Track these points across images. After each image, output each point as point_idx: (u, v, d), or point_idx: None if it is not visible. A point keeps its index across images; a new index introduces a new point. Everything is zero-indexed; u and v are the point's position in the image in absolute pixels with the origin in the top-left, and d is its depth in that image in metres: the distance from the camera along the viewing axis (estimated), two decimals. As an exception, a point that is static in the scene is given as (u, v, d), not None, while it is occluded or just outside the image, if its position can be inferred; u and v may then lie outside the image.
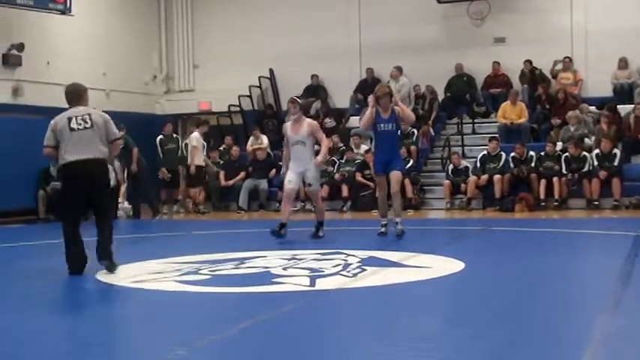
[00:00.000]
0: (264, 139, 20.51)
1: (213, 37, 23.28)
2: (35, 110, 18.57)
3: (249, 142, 20.60)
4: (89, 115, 9.13)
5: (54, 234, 15.49)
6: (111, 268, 8.81)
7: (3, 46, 18.36)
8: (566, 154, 17.51)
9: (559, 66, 20.17)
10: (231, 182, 19.52)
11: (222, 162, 20.10)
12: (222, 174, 19.74)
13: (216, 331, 5.97)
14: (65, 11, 18.92)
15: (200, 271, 8.88)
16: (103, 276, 8.75)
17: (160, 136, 19.14)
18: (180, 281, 8.30)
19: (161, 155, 18.83)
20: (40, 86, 19.15)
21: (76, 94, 9.35)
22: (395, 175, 11.83)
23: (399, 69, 20.79)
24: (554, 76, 20.15)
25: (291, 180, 11.66)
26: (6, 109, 18.10)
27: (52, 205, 17.11)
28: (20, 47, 18.46)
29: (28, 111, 18.48)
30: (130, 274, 8.81)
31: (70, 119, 9.08)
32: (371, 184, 18.20)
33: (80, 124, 9.02)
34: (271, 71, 22.72)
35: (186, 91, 23.93)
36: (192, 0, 23.75)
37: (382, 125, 12.00)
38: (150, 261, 9.85)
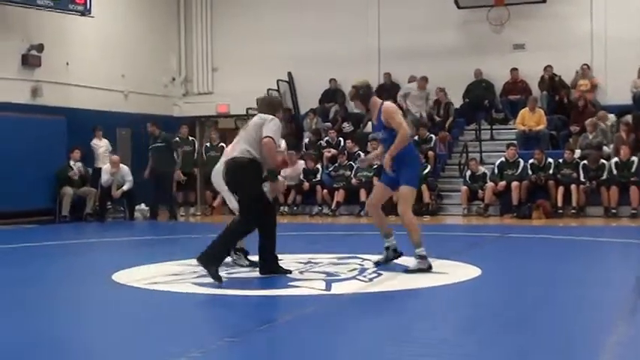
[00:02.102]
0: (282, 143, 20.43)
1: (231, 40, 23.30)
2: (54, 111, 18.68)
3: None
4: None
5: (72, 234, 15.61)
6: None
7: (22, 47, 18.44)
8: (584, 161, 17.42)
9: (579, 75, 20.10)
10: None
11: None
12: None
13: (232, 333, 5.97)
14: (85, 12, 18.98)
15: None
16: (119, 277, 8.76)
17: (176, 139, 19.18)
18: (196, 283, 8.30)
19: (177, 157, 18.85)
20: (59, 87, 19.22)
21: None
22: (399, 193, 9.21)
23: (425, 79, 20.63)
24: (574, 87, 20.04)
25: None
26: (25, 109, 18.19)
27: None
28: (40, 48, 18.54)
29: (47, 111, 18.57)
30: (147, 276, 8.82)
31: None
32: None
33: None
34: (290, 74, 22.73)
35: (205, 93, 23.96)
36: (211, 3, 23.79)
37: (378, 133, 9.65)
38: (166, 263, 9.86)
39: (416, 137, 19.62)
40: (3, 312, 7.10)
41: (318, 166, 19.28)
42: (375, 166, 18.74)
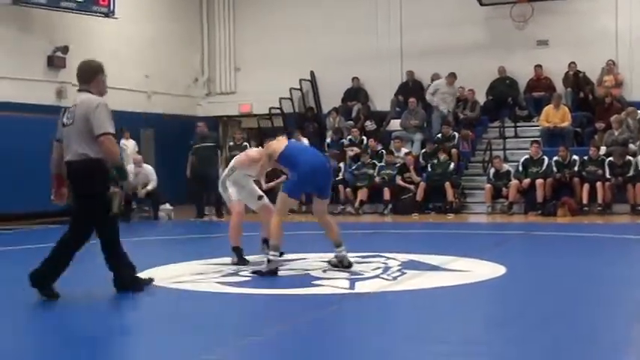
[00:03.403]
0: (305, 142, 20.51)
1: (254, 40, 23.34)
2: (79, 112, 18.76)
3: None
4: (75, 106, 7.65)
5: (94, 234, 15.66)
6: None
7: (48, 49, 18.58)
8: (610, 158, 17.31)
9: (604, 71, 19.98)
10: (272, 184, 19.48)
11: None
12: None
13: (255, 332, 5.98)
14: (109, 14, 19.10)
15: (240, 273, 8.91)
16: (144, 276, 8.79)
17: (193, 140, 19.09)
18: (220, 282, 8.33)
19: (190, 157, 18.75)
20: (84, 88, 19.31)
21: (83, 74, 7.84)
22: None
23: (453, 75, 20.55)
24: (599, 83, 19.91)
25: None
26: (50, 110, 18.25)
27: None
28: (65, 50, 18.67)
29: (71, 113, 18.66)
30: (172, 275, 8.86)
31: (64, 111, 7.75)
32: (411, 187, 18.17)
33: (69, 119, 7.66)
34: (312, 74, 22.74)
35: (228, 93, 24.03)
36: (233, 3, 23.84)
37: None
38: (191, 262, 9.89)
39: (439, 135, 19.62)
40: (33, 312, 7.15)
41: (341, 164, 19.26)
42: (398, 165, 18.75)
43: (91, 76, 7.75)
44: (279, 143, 9.23)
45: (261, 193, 10.15)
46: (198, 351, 5.39)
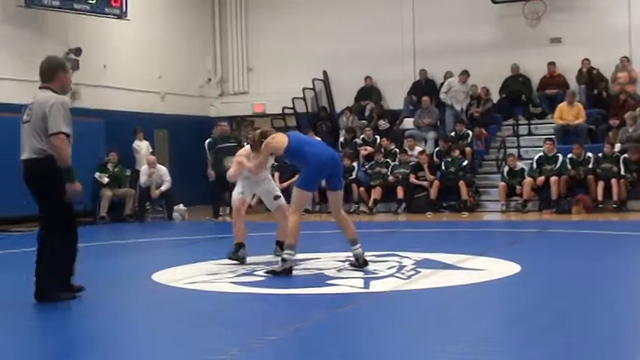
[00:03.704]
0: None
1: (266, 40, 23.35)
2: (92, 113, 18.84)
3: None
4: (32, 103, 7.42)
5: (111, 235, 15.74)
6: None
7: (61, 51, 18.59)
8: (625, 155, 17.23)
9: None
10: (285, 184, 19.53)
11: (276, 164, 20.12)
12: (276, 176, 19.78)
13: (270, 332, 5.98)
14: (121, 15, 19.13)
15: (255, 273, 8.91)
16: (158, 277, 8.82)
17: (209, 139, 19.08)
18: (235, 282, 8.34)
19: (210, 157, 18.75)
20: (97, 90, 19.39)
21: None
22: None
23: (466, 73, 20.47)
24: (613, 80, 19.82)
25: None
26: (64, 112, 18.34)
27: None
28: (78, 51, 18.72)
29: (85, 114, 18.71)
30: (186, 275, 8.87)
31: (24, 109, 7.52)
32: (425, 183, 18.14)
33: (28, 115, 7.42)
34: (325, 73, 22.72)
35: (241, 93, 24.04)
36: (246, 3, 23.85)
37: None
38: (205, 262, 9.90)
39: (453, 133, 19.58)
40: (47, 312, 7.16)
41: (354, 164, 19.24)
42: (412, 164, 18.72)
43: (53, 73, 7.53)
44: (282, 138, 9.05)
45: (278, 193, 10.12)
46: (213, 351, 5.39)
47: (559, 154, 17.67)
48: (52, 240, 7.33)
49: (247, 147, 10.04)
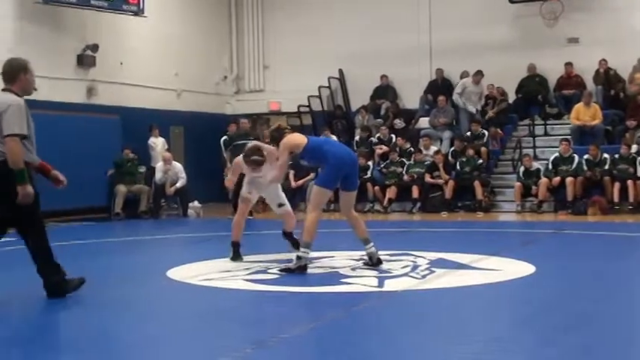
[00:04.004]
0: (334, 140, 20.49)
1: (283, 38, 23.37)
2: (108, 110, 18.91)
3: (319, 141, 20.61)
4: None
5: (126, 231, 15.79)
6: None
7: (78, 47, 18.70)
8: (642, 157, 17.17)
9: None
10: (300, 182, 19.55)
11: (291, 162, 20.11)
12: (291, 174, 19.79)
13: (285, 330, 5.98)
14: (138, 12, 19.19)
15: (269, 270, 8.92)
16: (173, 274, 8.84)
17: (225, 137, 19.09)
18: (249, 280, 8.35)
19: (227, 155, 18.77)
20: (114, 86, 19.46)
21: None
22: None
23: (480, 73, 20.35)
24: (630, 81, 19.72)
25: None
26: (80, 108, 18.44)
27: None
28: (94, 48, 18.78)
29: (101, 110, 18.82)
30: (200, 273, 8.89)
31: None
32: (441, 181, 18.11)
33: None
34: (341, 72, 22.71)
35: (256, 91, 24.07)
36: (262, 1, 23.87)
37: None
38: (219, 259, 9.91)
39: (469, 132, 19.53)
40: (63, 308, 7.20)
41: (370, 163, 19.23)
42: (427, 163, 18.69)
43: (14, 75, 7.47)
44: (300, 136, 9.08)
45: (283, 200, 10.08)
46: (227, 349, 5.40)
47: (575, 155, 17.61)
48: (32, 236, 7.39)
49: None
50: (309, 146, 8.92)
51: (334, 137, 20.48)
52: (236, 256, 9.78)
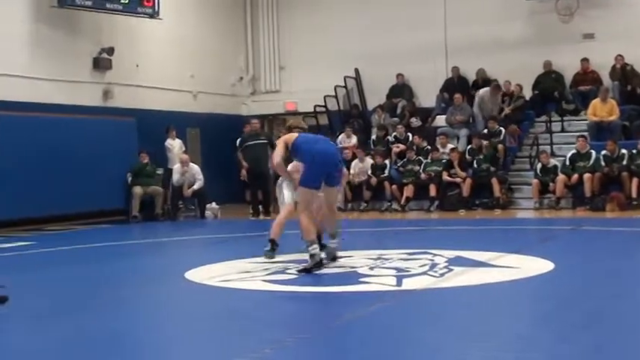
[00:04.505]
0: (354, 139, 20.50)
1: (298, 38, 23.38)
2: (125, 112, 18.97)
3: (339, 140, 20.59)
4: None
5: (144, 233, 15.84)
6: None
7: (94, 50, 18.77)
8: (659, 151, 17.08)
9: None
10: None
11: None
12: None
13: (303, 330, 5.99)
14: (154, 15, 19.23)
15: (287, 271, 8.93)
16: (192, 275, 8.86)
17: (239, 138, 18.99)
18: (267, 280, 8.36)
19: (240, 155, 18.69)
20: (130, 89, 19.52)
21: None
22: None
23: (498, 87, 20.09)
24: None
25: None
26: (97, 111, 18.51)
27: None
28: (110, 51, 18.84)
29: (117, 113, 18.87)
30: (219, 274, 8.91)
31: None
32: (459, 179, 18.07)
33: None
34: (357, 71, 22.70)
35: (272, 92, 24.08)
36: (277, 2, 23.89)
37: None
38: (238, 260, 9.93)
39: (485, 130, 19.47)
40: (83, 310, 7.23)
41: (386, 161, 19.22)
42: (444, 161, 18.66)
43: None
44: (294, 135, 9.26)
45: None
46: (246, 349, 5.41)
47: (592, 151, 17.54)
48: None
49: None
50: (294, 143, 9.10)
51: (354, 137, 20.49)
52: (270, 253, 9.77)
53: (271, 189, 18.13)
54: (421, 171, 18.72)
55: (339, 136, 20.61)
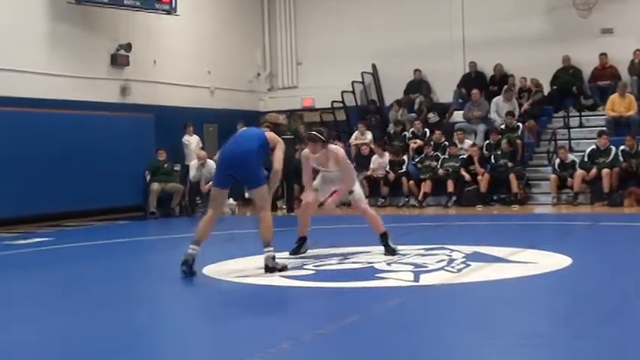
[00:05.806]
0: (369, 135, 20.49)
1: (315, 34, 23.38)
2: (142, 108, 19.02)
3: (354, 137, 20.61)
4: None
5: (161, 229, 15.88)
6: None
7: (111, 47, 18.82)
8: (679, 146, 16.98)
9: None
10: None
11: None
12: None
13: (321, 325, 5.99)
14: (171, 11, 19.29)
15: (304, 266, 8.94)
16: (210, 271, 8.88)
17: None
18: (284, 276, 8.36)
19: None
20: (147, 85, 19.58)
21: None
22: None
23: (511, 93, 20.04)
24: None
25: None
26: (114, 107, 18.57)
27: None
28: (128, 47, 18.89)
29: (135, 109, 18.93)
30: (236, 270, 8.92)
31: None
32: (479, 177, 18.03)
33: None
34: (374, 66, 22.69)
35: (290, 87, 24.10)
36: (294, -3, 23.93)
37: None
38: (256, 256, 9.94)
39: (502, 126, 19.40)
40: (101, 305, 7.26)
41: (404, 157, 19.20)
42: (462, 157, 18.61)
43: None
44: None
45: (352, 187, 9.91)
46: (264, 344, 5.42)
47: (611, 147, 17.46)
48: None
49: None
50: None
51: (369, 133, 20.44)
52: (296, 250, 9.81)
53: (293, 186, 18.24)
54: (439, 167, 18.69)
55: (354, 134, 20.60)
